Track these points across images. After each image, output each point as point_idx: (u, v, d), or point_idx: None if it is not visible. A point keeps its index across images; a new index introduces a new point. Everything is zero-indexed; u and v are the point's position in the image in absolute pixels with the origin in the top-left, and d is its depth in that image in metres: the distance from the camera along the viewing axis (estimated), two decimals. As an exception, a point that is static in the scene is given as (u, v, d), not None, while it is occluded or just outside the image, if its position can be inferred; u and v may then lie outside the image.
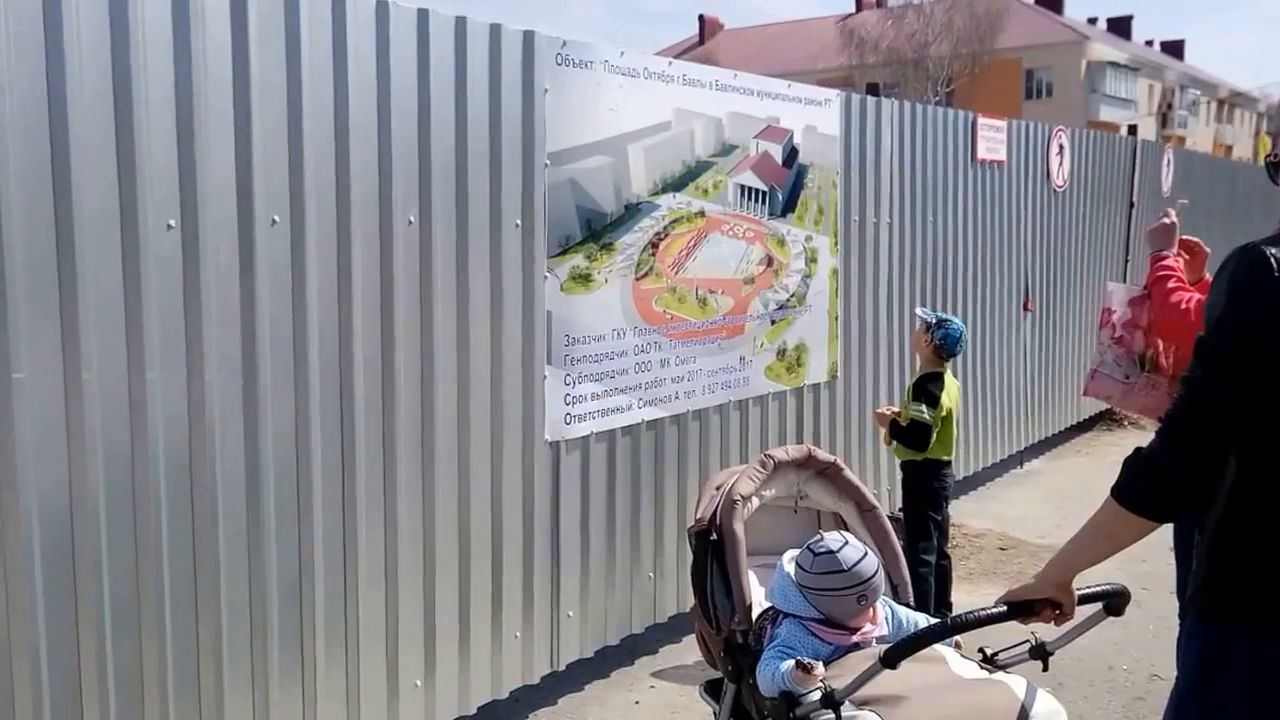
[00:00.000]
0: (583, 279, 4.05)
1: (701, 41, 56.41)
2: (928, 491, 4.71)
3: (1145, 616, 4.58)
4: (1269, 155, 2.03)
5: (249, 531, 3.09)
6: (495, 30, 3.66)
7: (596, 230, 4.09)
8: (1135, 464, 1.84)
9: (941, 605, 4.69)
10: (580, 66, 3.96)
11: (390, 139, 3.35)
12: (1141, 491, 1.83)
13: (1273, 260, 1.70)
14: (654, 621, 4.56)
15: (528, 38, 3.76)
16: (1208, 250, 3.83)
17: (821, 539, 2.72)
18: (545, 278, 3.89)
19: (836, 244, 5.43)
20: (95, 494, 2.75)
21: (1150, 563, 4.16)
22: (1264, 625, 1.77)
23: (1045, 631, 2.18)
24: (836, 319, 5.46)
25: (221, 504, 3.01)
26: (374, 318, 3.37)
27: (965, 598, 4.97)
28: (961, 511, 6.53)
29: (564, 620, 4.12)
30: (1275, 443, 1.74)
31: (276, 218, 3.08)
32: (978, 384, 6.98)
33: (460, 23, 3.54)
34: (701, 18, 58.22)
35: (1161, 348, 3.90)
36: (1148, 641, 4.53)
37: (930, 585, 4.58)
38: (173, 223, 2.85)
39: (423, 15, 3.42)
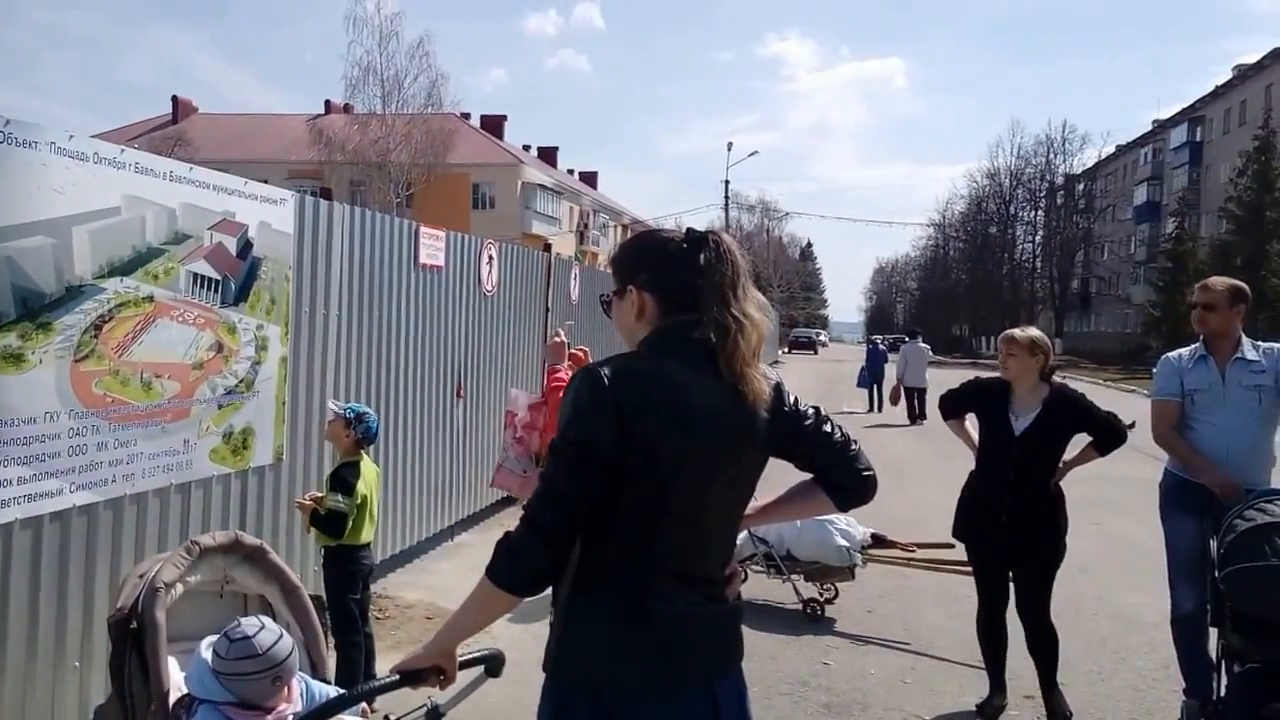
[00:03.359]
0: (14, 359, 3.70)
1: (175, 120, 53.11)
2: (346, 575, 4.70)
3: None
4: (603, 295, 2.24)
5: None
6: (-78, 97, 3.30)
7: (33, 309, 3.78)
8: (503, 546, 1.96)
9: (368, 677, 4.80)
10: (24, 145, 3.68)
11: None
12: (507, 570, 1.94)
13: (604, 378, 1.91)
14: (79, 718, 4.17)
15: (-36, 110, 3.44)
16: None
17: (239, 625, 2.74)
18: (-32, 356, 3.51)
19: (288, 333, 5.48)
20: None
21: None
22: (597, 688, 1.96)
23: (444, 693, 2.27)
24: (284, 404, 5.48)
25: None
26: None
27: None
28: (395, 584, 6.73)
29: (-31, 722, 3.65)
30: (607, 529, 1.94)
31: None
32: (412, 464, 7.27)
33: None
34: (175, 98, 55.34)
35: None
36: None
37: (359, 663, 4.66)
38: None
39: None
